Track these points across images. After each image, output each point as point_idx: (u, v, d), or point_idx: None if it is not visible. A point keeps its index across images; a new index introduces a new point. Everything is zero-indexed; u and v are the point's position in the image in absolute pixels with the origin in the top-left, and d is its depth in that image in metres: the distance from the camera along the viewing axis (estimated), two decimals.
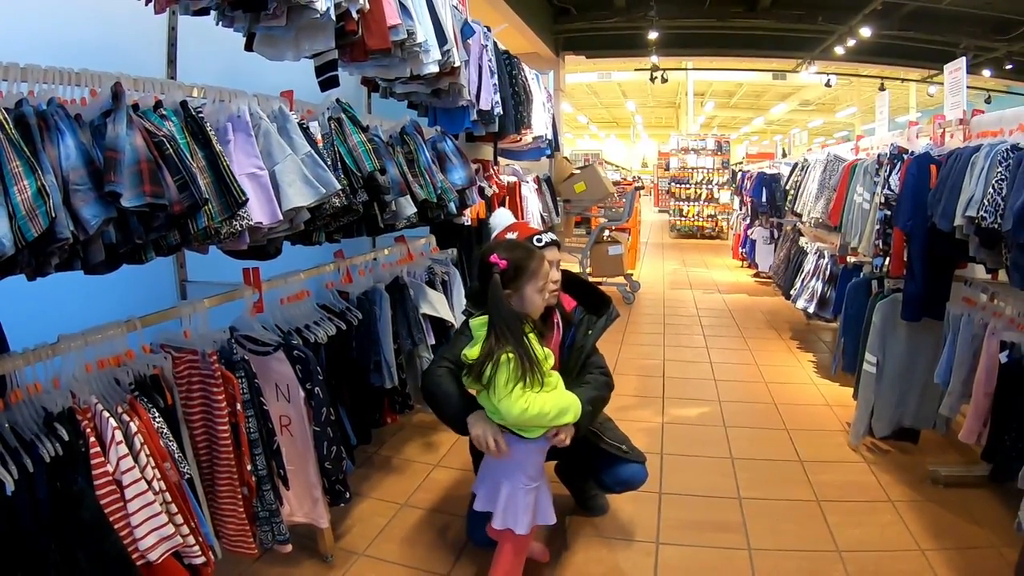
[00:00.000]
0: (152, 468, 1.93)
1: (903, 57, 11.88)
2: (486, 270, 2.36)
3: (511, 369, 2.25)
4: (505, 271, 2.33)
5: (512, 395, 2.24)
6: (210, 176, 1.99)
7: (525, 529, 2.43)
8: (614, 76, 18.00)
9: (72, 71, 1.96)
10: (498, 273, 2.33)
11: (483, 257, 2.41)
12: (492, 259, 2.34)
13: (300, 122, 2.46)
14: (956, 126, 3.47)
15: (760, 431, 4.30)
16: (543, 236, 2.71)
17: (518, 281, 2.38)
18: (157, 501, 1.91)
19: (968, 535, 3.00)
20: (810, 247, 6.26)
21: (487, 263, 2.36)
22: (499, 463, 2.48)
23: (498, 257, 2.34)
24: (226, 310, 2.61)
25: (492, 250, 2.40)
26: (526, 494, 2.43)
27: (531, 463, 2.46)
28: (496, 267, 2.33)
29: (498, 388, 2.26)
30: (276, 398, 2.55)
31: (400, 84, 3.67)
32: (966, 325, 3.20)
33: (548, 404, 2.28)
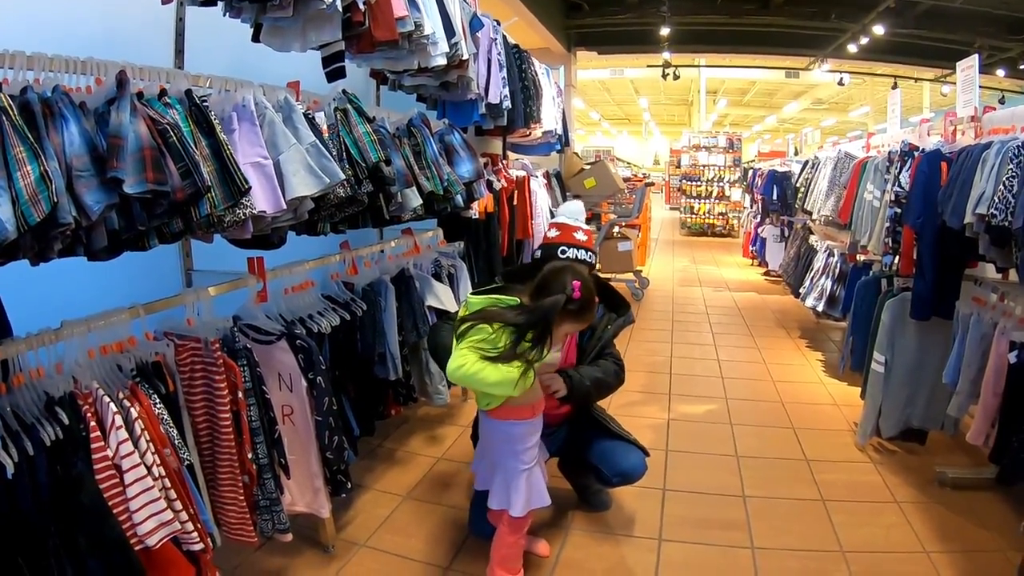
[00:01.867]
0: (152, 454, 1.92)
1: (916, 56, 11.76)
2: (558, 279, 2.34)
3: (488, 338, 2.26)
4: (573, 300, 2.31)
5: (461, 351, 2.26)
6: (214, 164, 1.99)
7: (520, 511, 2.46)
8: (626, 73, 17.96)
9: (77, 59, 1.96)
10: (568, 295, 2.30)
11: (569, 272, 2.38)
12: (576, 284, 2.31)
13: (306, 112, 2.45)
14: (968, 123, 3.43)
15: (766, 429, 4.28)
16: (579, 252, 2.75)
17: (574, 315, 2.36)
18: (156, 487, 1.90)
19: (974, 538, 2.97)
20: (820, 245, 6.23)
21: (565, 278, 2.34)
22: (492, 446, 2.53)
23: (580, 288, 2.32)
24: (230, 299, 2.61)
25: (580, 275, 2.37)
26: (518, 476, 2.46)
27: (522, 446, 2.48)
28: (571, 291, 2.30)
29: (461, 342, 2.28)
30: (279, 387, 2.55)
31: (408, 77, 3.67)
32: (975, 325, 3.16)
33: (488, 371, 2.24)
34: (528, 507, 2.48)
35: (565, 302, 2.29)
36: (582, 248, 2.76)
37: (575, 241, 2.76)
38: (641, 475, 3.01)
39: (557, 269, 2.41)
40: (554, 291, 2.31)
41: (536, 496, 2.51)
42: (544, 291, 2.34)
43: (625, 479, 3.02)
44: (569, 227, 2.81)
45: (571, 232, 2.80)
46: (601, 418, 3.12)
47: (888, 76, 14.12)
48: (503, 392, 2.32)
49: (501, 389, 2.28)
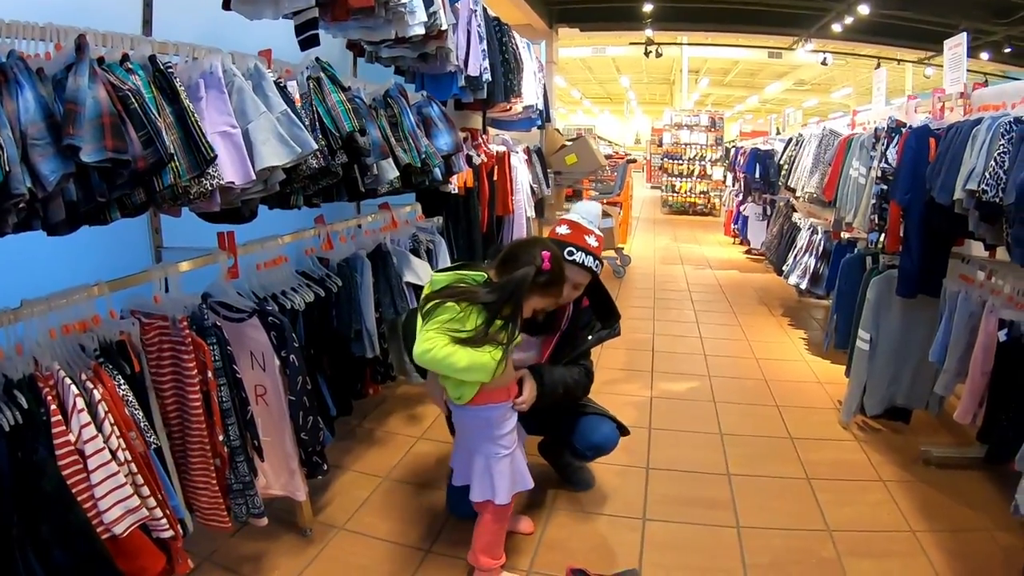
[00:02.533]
0: (117, 437, 1.83)
1: (901, 37, 11.78)
2: (526, 251, 2.29)
3: (457, 317, 2.19)
4: (542, 272, 2.26)
5: (428, 333, 2.19)
6: (178, 132, 1.88)
7: (505, 498, 2.39)
8: (608, 51, 17.89)
9: (35, 24, 1.84)
10: (537, 267, 2.24)
11: (538, 243, 2.33)
12: (544, 255, 2.25)
13: (277, 81, 2.35)
14: (957, 100, 3.38)
15: (750, 407, 4.26)
16: (587, 258, 2.61)
17: (542, 288, 2.30)
18: (122, 472, 1.82)
19: (960, 517, 2.97)
20: (803, 223, 6.19)
21: (534, 250, 2.28)
22: (470, 434, 2.44)
23: (550, 259, 2.27)
24: (201, 275, 2.52)
25: (549, 247, 2.32)
26: (498, 462, 2.39)
27: (500, 431, 2.40)
28: (540, 261, 2.24)
29: (428, 322, 2.21)
30: (251, 366, 2.46)
31: (386, 48, 3.56)
32: (963, 302, 3.13)
33: (459, 355, 2.16)
34: (513, 492, 2.42)
35: (535, 274, 2.22)
36: (591, 255, 2.62)
37: (586, 245, 2.62)
38: (614, 446, 2.97)
39: (526, 241, 2.38)
40: (522, 263, 2.24)
41: (520, 479, 2.45)
42: (511, 264, 2.27)
43: (598, 451, 2.98)
44: (582, 228, 2.67)
45: (583, 234, 2.65)
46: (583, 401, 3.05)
47: (871, 57, 14.13)
48: (477, 378, 2.24)
49: (474, 375, 2.21)
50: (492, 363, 2.19)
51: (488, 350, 2.18)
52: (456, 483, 2.55)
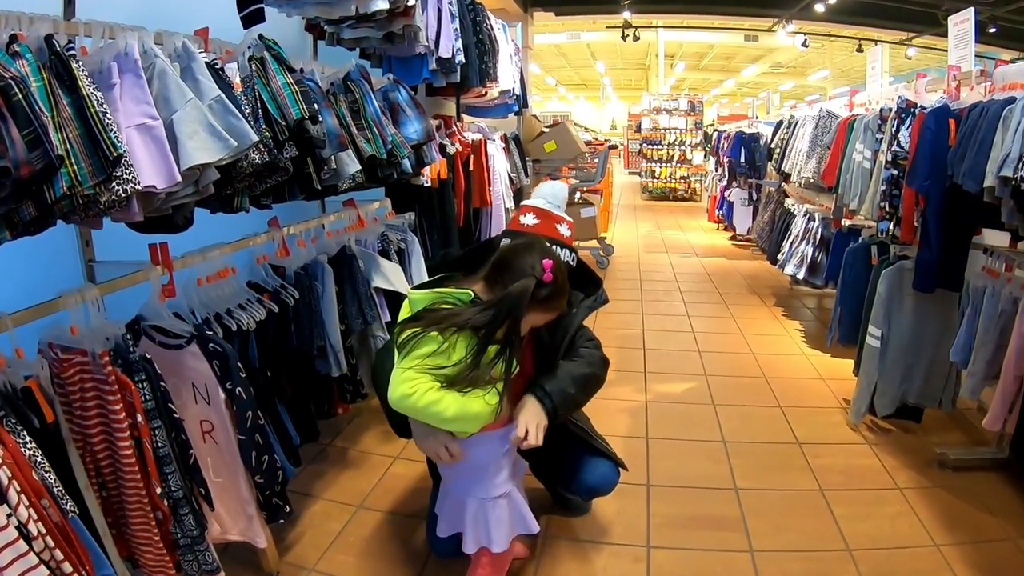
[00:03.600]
0: (26, 508, 1.49)
1: (882, 18, 11.62)
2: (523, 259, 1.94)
3: (441, 350, 1.84)
4: (544, 284, 1.91)
5: (406, 372, 1.84)
6: (78, 128, 1.53)
7: (503, 546, 2.08)
8: (583, 37, 17.73)
9: None
10: (538, 278, 1.90)
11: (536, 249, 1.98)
12: (547, 264, 1.91)
13: (212, 63, 1.99)
14: (978, 77, 3.11)
15: (752, 409, 3.99)
16: (562, 251, 2.24)
17: (543, 303, 1.95)
18: (34, 549, 1.48)
19: (982, 526, 2.77)
20: (798, 209, 5.94)
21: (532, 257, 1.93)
22: (459, 478, 2.10)
23: (553, 268, 1.92)
24: (136, 296, 2.18)
25: (549, 252, 1.99)
26: (495, 506, 2.06)
27: (494, 469, 2.08)
28: (542, 273, 1.90)
29: (406, 358, 1.86)
30: (194, 399, 2.13)
31: (348, 28, 3.23)
32: (990, 299, 2.90)
33: (446, 402, 1.83)
34: (511, 536, 2.11)
35: (536, 286, 1.87)
36: (565, 247, 2.28)
37: (558, 235, 2.28)
38: (612, 487, 2.65)
39: (519, 247, 1.99)
40: (518, 274, 1.89)
41: (519, 522, 2.14)
42: (504, 275, 1.93)
43: (595, 493, 2.68)
44: (551, 216, 2.32)
45: (553, 223, 2.30)
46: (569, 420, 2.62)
47: (851, 38, 13.98)
48: (468, 430, 1.92)
49: (465, 425, 1.90)
50: (486, 411, 1.87)
51: (480, 394, 1.85)
52: (442, 534, 2.21)
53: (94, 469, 1.88)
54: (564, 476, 2.66)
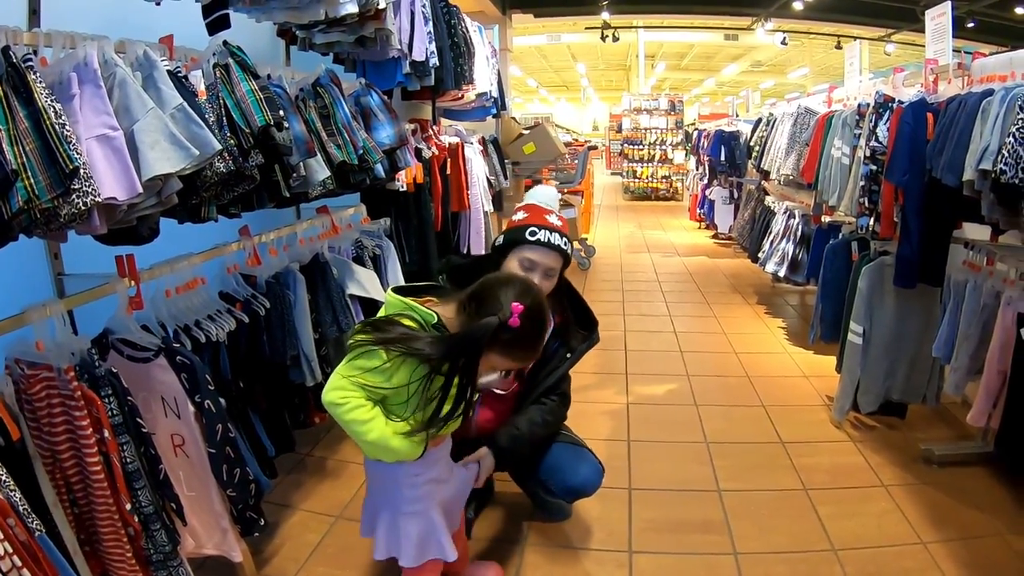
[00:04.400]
0: None
1: (860, 15, 11.71)
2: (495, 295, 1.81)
3: (381, 368, 1.76)
4: (507, 329, 1.77)
5: (343, 380, 1.78)
6: (35, 141, 1.48)
7: (410, 562, 1.98)
8: (564, 38, 17.74)
9: None
10: (503, 321, 1.76)
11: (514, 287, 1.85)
12: (515, 308, 1.76)
13: (175, 71, 1.94)
14: (954, 71, 3.10)
15: (735, 409, 3.97)
16: (549, 234, 2.27)
17: (505, 347, 1.82)
18: (2, 570, 1.43)
19: (969, 522, 2.76)
20: (778, 207, 5.94)
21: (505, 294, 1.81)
22: (380, 486, 2.02)
23: (522, 314, 1.76)
24: (110, 309, 2.12)
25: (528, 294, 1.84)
26: (406, 521, 1.98)
27: (410, 481, 1.99)
28: (507, 314, 1.76)
29: (348, 363, 1.80)
30: (164, 413, 2.07)
31: (319, 33, 3.18)
32: (972, 293, 2.89)
33: (371, 425, 1.78)
34: (421, 560, 1.99)
35: (497, 329, 1.76)
36: (555, 232, 2.30)
37: (547, 223, 2.31)
38: (595, 489, 2.62)
39: (499, 281, 1.88)
40: (486, 310, 1.79)
41: (432, 545, 2.00)
42: (473, 306, 1.83)
43: (577, 495, 2.63)
44: (541, 209, 2.37)
45: (543, 215, 2.34)
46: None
47: (830, 35, 14.04)
48: (382, 458, 1.88)
49: (380, 454, 1.86)
50: (405, 451, 1.81)
51: (409, 426, 1.79)
52: (363, 534, 2.14)
53: (64, 486, 1.83)
54: (545, 478, 2.62)
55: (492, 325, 1.75)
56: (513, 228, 2.34)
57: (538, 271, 2.25)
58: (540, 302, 1.89)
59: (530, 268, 2.26)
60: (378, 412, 1.79)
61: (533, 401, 2.45)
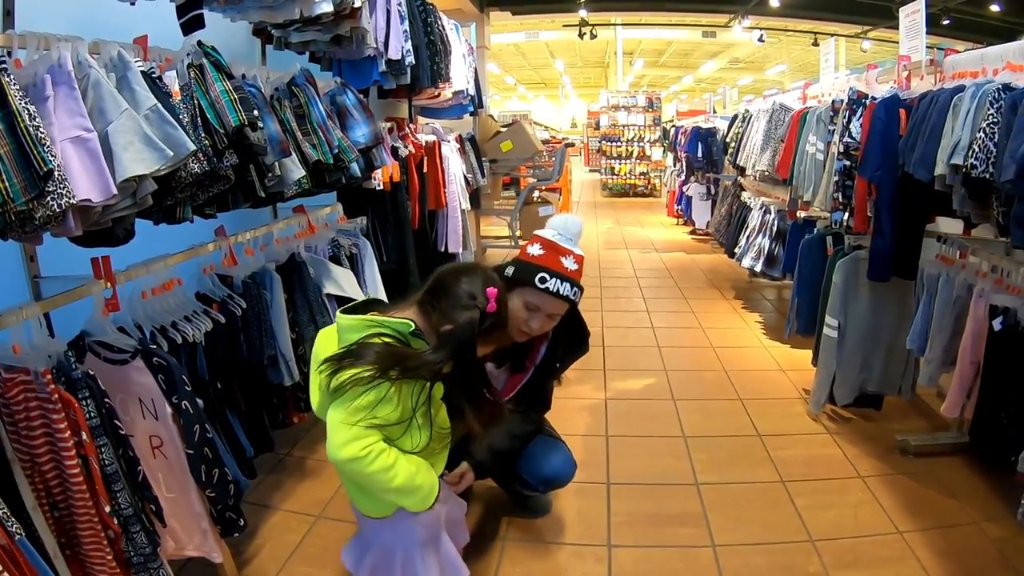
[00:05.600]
0: None
1: (837, 12, 11.81)
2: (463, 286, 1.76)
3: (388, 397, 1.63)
4: (487, 315, 1.73)
5: (356, 428, 1.62)
6: (9, 143, 1.47)
7: None
8: (542, 36, 17.78)
9: None
10: (482, 310, 1.72)
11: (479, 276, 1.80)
12: (490, 293, 1.72)
13: (149, 71, 1.93)
14: (927, 67, 3.13)
15: (712, 403, 4.00)
16: (563, 285, 2.19)
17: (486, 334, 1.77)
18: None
19: (945, 510, 2.80)
20: (754, 202, 5.97)
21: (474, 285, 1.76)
22: (390, 526, 1.86)
23: (497, 297, 1.74)
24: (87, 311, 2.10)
25: (492, 279, 1.81)
26: (423, 554, 1.87)
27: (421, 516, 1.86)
28: (486, 303, 1.72)
29: (347, 407, 1.62)
30: (142, 415, 2.06)
31: (295, 32, 3.18)
32: (944, 286, 2.93)
33: (396, 468, 1.66)
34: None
35: (481, 318, 1.72)
36: (568, 281, 2.21)
37: (562, 270, 2.21)
38: (569, 478, 2.63)
39: (460, 271, 1.83)
40: (456, 301, 1.73)
41: (451, 570, 1.94)
42: (440, 302, 1.75)
43: (551, 485, 2.64)
44: (558, 248, 2.25)
45: (559, 256, 2.23)
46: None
47: (807, 32, 14.14)
48: (409, 506, 1.76)
49: (408, 500, 1.74)
50: (429, 485, 1.74)
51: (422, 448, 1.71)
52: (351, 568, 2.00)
53: (44, 489, 1.82)
54: (520, 469, 2.61)
55: (476, 317, 1.71)
56: (524, 265, 2.24)
57: (541, 314, 2.20)
58: (502, 286, 1.84)
59: (534, 311, 2.20)
60: (397, 452, 1.67)
61: (514, 409, 2.41)
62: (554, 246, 2.25)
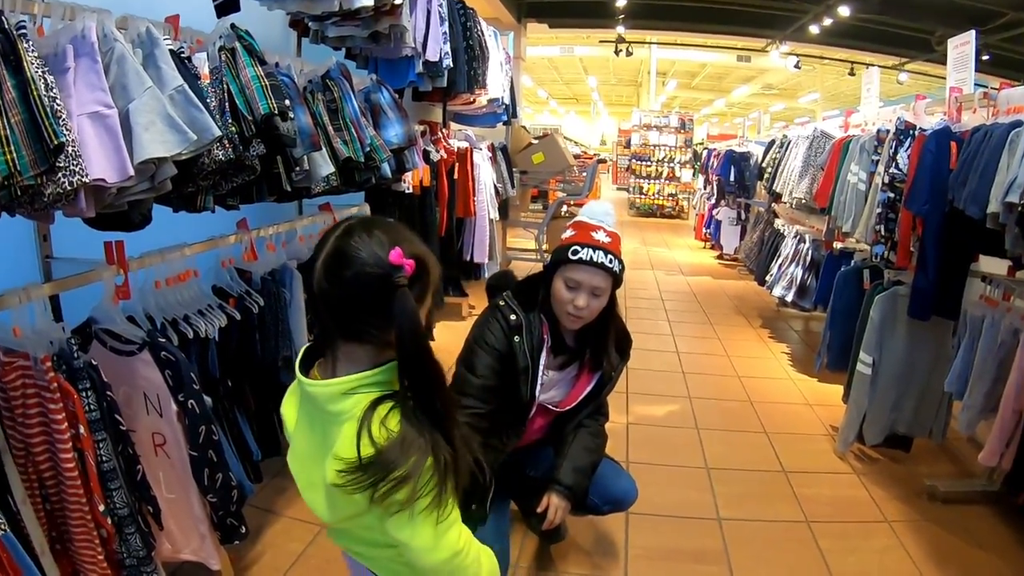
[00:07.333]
0: None
1: (876, 42, 11.68)
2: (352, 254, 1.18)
3: (426, 484, 1.19)
4: (405, 278, 1.18)
5: (449, 534, 1.26)
6: (21, 112, 1.38)
7: None
8: (576, 51, 17.70)
9: None
10: (403, 283, 1.18)
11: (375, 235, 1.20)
12: (394, 253, 1.17)
13: (178, 51, 1.85)
14: (980, 100, 3.01)
15: (736, 434, 3.88)
16: (592, 252, 2.08)
17: (422, 298, 1.26)
18: None
19: (972, 561, 2.70)
20: (788, 230, 5.84)
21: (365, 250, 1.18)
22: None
23: (404, 254, 1.18)
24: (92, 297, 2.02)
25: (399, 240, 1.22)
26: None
27: None
28: (399, 272, 1.18)
29: (405, 504, 1.18)
30: (146, 411, 1.97)
31: (333, 26, 3.11)
32: (989, 330, 2.83)
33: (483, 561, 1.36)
34: None
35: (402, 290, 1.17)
36: (601, 249, 2.09)
37: (592, 240, 2.10)
38: (634, 501, 2.50)
39: (350, 228, 1.23)
40: (358, 265, 1.17)
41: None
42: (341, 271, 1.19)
43: (619, 506, 2.50)
44: (588, 225, 2.16)
45: (590, 231, 2.14)
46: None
47: (844, 61, 14.00)
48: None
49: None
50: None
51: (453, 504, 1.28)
52: None
53: (37, 481, 1.74)
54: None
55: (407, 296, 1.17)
56: (558, 248, 2.18)
57: (583, 291, 2.10)
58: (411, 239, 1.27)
59: (575, 288, 2.11)
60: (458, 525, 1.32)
61: (576, 425, 2.35)
62: (585, 224, 2.18)
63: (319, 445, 1.26)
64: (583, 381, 2.32)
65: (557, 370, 2.28)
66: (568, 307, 2.09)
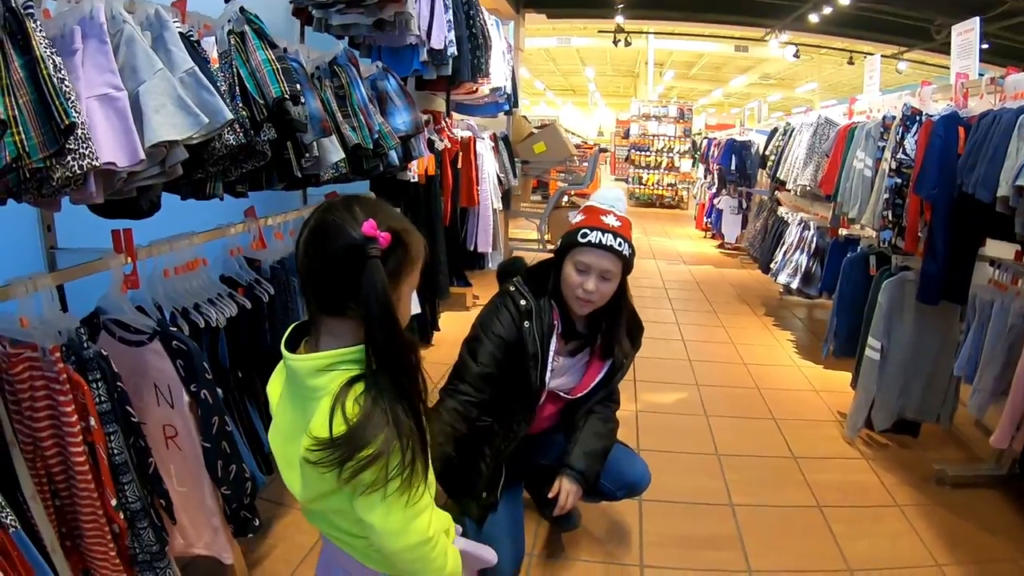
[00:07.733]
0: None
1: (875, 30, 11.62)
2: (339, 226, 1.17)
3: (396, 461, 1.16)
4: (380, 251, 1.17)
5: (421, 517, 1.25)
6: (30, 94, 1.34)
7: None
8: (573, 42, 17.64)
9: None
10: (375, 255, 1.16)
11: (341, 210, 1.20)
12: (367, 225, 1.15)
13: (187, 34, 1.82)
14: (987, 86, 3.00)
15: (745, 421, 3.88)
16: (601, 235, 2.06)
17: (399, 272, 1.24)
18: None
19: (983, 545, 2.71)
20: (792, 217, 5.82)
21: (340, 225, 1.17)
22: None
23: (378, 225, 1.17)
24: (98, 287, 1.99)
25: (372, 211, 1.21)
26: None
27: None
28: (372, 244, 1.16)
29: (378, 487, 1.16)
30: (157, 402, 1.94)
31: (337, 14, 3.08)
32: (999, 314, 2.82)
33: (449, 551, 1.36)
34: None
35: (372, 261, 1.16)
36: (610, 233, 2.07)
37: (601, 224, 2.08)
38: (647, 486, 2.48)
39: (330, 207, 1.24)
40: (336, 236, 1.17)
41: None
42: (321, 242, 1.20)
43: (633, 491, 2.48)
44: (597, 210, 2.14)
45: (599, 215, 2.12)
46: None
47: (842, 51, 13.96)
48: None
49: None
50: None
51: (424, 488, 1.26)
52: None
53: (46, 476, 1.71)
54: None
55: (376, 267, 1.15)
56: (568, 232, 2.17)
57: (593, 274, 2.08)
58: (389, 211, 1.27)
59: (584, 271, 2.09)
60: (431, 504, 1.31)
61: (587, 411, 2.34)
62: (595, 208, 2.16)
63: (298, 422, 1.24)
64: (594, 368, 2.29)
65: (568, 356, 2.26)
66: (578, 291, 2.08)
